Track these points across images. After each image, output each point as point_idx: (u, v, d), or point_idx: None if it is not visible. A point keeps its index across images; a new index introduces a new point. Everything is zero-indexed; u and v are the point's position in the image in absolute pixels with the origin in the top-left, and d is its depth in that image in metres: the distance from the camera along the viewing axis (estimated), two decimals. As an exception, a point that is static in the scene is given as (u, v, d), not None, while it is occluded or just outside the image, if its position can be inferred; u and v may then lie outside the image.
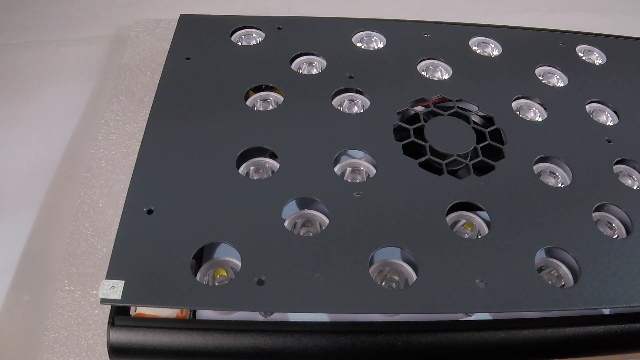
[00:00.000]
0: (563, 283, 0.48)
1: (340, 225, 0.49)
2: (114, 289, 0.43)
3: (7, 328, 0.55)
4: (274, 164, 0.54)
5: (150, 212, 0.48)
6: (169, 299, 0.43)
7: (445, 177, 0.54)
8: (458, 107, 0.60)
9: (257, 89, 0.61)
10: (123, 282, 0.44)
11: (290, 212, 0.51)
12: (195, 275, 0.46)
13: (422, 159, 0.55)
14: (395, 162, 0.54)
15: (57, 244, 0.61)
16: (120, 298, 0.43)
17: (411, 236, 0.48)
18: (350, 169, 0.55)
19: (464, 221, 0.52)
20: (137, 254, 0.46)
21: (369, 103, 0.60)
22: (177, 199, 0.50)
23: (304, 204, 0.52)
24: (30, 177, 0.67)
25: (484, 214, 0.52)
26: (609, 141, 0.59)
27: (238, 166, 0.53)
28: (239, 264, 0.47)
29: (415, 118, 0.59)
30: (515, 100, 0.62)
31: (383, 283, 0.48)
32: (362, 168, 0.55)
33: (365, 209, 0.50)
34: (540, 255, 0.49)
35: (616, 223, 0.53)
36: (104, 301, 0.43)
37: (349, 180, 0.54)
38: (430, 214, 0.50)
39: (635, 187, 0.56)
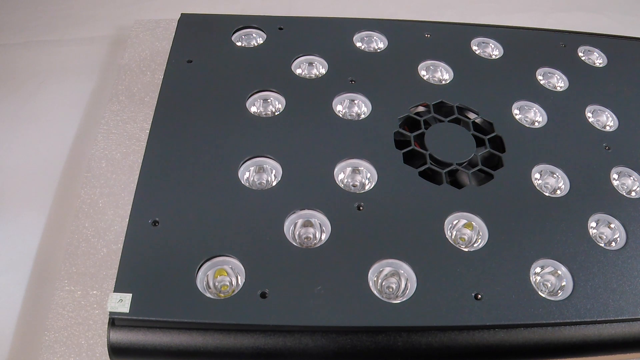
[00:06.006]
0: (559, 293, 0.48)
1: (340, 238, 0.49)
2: (122, 302, 0.44)
3: (7, 328, 0.55)
4: (274, 164, 0.54)
5: (155, 223, 0.49)
6: (175, 311, 0.44)
7: (445, 186, 0.54)
8: (458, 113, 0.60)
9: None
10: (130, 295, 0.44)
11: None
12: (196, 277, 0.46)
13: (422, 168, 0.55)
14: (396, 171, 0.55)
15: (57, 244, 0.61)
16: (128, 311, 0.43)
17: (410, 248, 0.49)
18: (350, 169, 0.55)
19: (464, 221, 0.52)
20: (143, 267, 0.46)
21: (369, 103, 0.60)
22: (181, 210, 0.50)
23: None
24: (30, 177, 0.67)
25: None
26: (608, 148, 0.59)
27: (239, 170, 0.53)
28: (238, 263, 0.47)
29: (415, 124, 0.59)
30: (515, 103, 0.62)
31: (383, 283, 0.48)
32: (361, 168, 0.55)
33: (365, 220, 0.51)
34: (535, 267, 0.49)
35: (612, 233, 0.53)
36: (112, 314, 0.43)
37: (349, 181, 0.54)
38: (429, 226, 0.51)
39: (631, 196, 0.56)
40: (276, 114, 0.59)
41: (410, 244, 0.49)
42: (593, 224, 0.53)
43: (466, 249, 0.50)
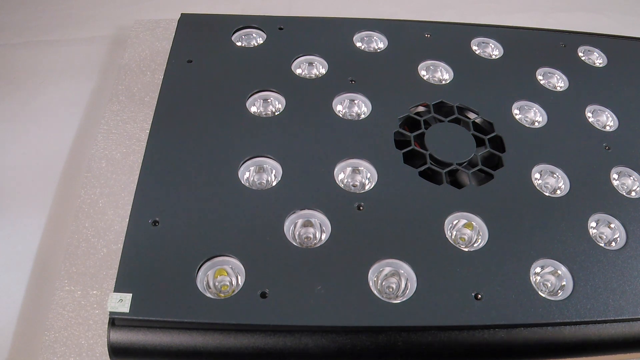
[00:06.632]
0: (559, 293, 0.48)
1: (341, 238, 0.49)
2: (122, 302, 0.44)
3: (7, 328, 0.55)
4: (274, 164, 0.54)
5: (155, 223, 0.49)
6: (176, 311, 0.44)
7: (445, 186, 0.54)
8: (458, 113, 0.60)
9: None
10: (131, 295, 0.44)
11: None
12: (196, 277, 0.46)
13: (422, 168, 0.55)
14: (396, 171, 0.55)
15: (57, 244, 0.61)
16: (128, 311, 0.44)
17: (410, 248, 0.49)
18: (350, 169, 0.55)
19: (464, 221, 0.52)
20: (143, 266, 0.46)
21: (369, 103, 0.60)
22: (181, 210, 0.50)
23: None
24: (30, 177, 0.67)
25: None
26: (608, 148, 0.59)
27: (239, 170, 0.53)
28: (238, 263, 0.47)
29: (416, 124, 0.59)
30: (515, 103, 0.62)
31: (383, 283, 0.48)
32: (361, 168, 0.55)
33: (365, 220, 0.51)
34: (536, 267, 0.49)
35: (612, 233, 0.53)
36: (112, 314, 0.43)
37: (349, 181, 0.54)
38: (429, 226, 0.51)
39: (631, 196, 0.56)
40: (276, 114, 0.59)
41: (410, 244, 0.49)
42: (593, 224, 0.53)
43: (466, 249, 0.50)
